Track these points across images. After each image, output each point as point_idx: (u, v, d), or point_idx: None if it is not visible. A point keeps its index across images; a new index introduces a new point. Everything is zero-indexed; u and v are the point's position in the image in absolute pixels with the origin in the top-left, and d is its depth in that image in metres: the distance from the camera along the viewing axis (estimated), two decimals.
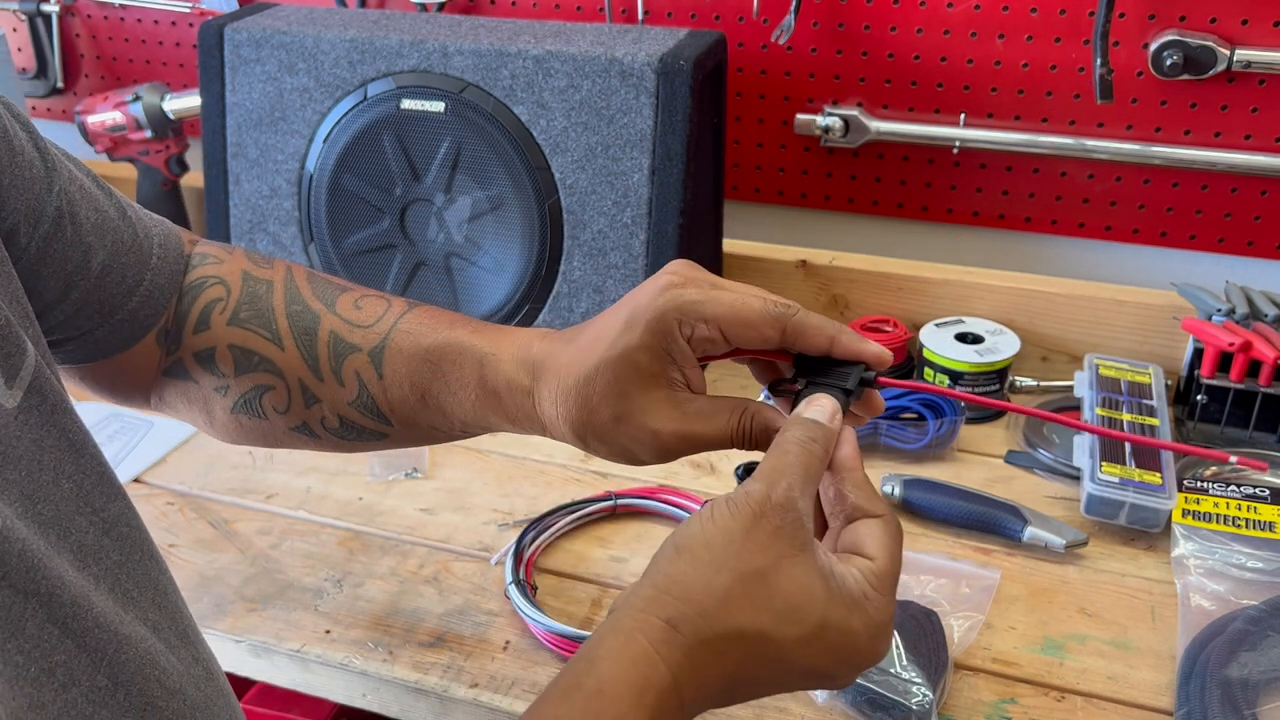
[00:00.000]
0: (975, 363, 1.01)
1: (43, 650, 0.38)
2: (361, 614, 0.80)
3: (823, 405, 0.51)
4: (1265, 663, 0.70)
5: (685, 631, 0.44)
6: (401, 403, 0.60)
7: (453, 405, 0.59)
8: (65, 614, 0.39)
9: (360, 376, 0.60)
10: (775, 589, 0.45)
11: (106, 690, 0.40)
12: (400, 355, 0.60)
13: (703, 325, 0.52)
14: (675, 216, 0.95)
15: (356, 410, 0.61)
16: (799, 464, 0.48)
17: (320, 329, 0.61)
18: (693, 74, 0.92)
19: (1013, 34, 1.06)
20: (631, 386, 0.53)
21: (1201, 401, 0.97)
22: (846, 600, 0.46)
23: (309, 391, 0.61)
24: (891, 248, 1.19)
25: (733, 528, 0.46)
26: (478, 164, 0.99)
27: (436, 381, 0.59)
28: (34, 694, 0.37)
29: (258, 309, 0.62)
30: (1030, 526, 0.84)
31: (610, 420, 0.53)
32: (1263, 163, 1.03)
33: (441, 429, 0.61)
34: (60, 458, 0.43)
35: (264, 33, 1.04)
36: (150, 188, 1.29)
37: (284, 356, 0.61)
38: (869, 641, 0.46)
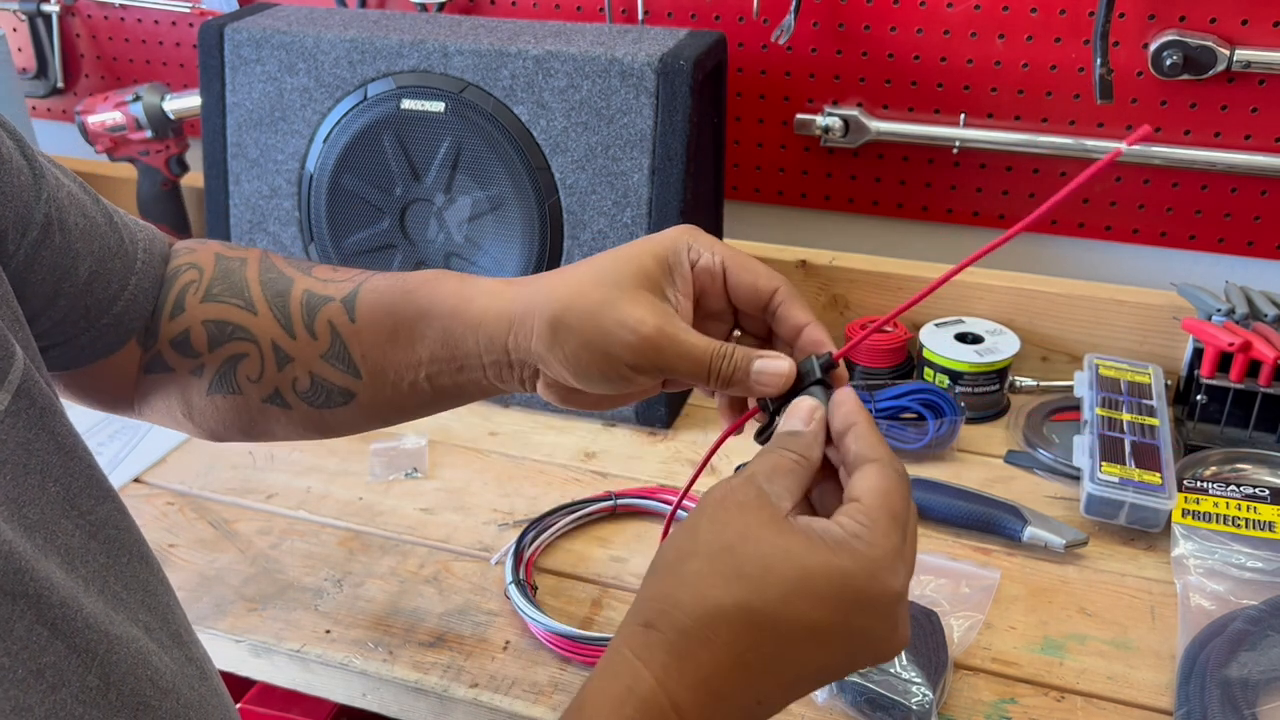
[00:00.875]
0: (975, 363, 1.02)
1: (31, 652, 0.38)
2: (361, 614, 0.80)
3: (797, 413, 0.49)
4: (1265, 662, 0.70)
5: (663, 628, 0.43)
6: (374, 345, 0.59)
7: (423, 331, 0.58)
8: (54, 615, 0.39)
9: (333, 325, 0.60)
10: (745, 557, 0.42)
11: (98, 690, 0.40)
12: (374, 294, 0.60)
13: (709, 255, 0.53)
14: (675, 216, 0.95)
15: (329, 363, 0.60)
16: (764, 460, 0.47)
17: (294, 289, 0.61)
18: (693, 74, 0.92)
19: (1013, 34, 1.06)
20: (628, 279, 0.52)
21: (1201, 401, 0.97)
22: (830, 544, 0.43)
23: (281, 351, 0.61)
24: (891, 248, 1.19)
25: (696, 521, 0.45)
26: (478, 164, 0.99)
27: (409, 306, 0.58)
28: (20, 697, 0.37)
29: (230, 282, 0.62)
30: (1030, 526, 0.85)
31: (597, 302, 0.52)
32: (1262, 163, 1.03)
33: (406, 375, 0.59)
34: (48, 460, 0.43)
35: (264, 33, 1.04)
36: (150, 188, 1.29)
37: (257, 320, 0.61)
38: (870, 578, 0.43)
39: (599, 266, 0.54)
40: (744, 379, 0.52)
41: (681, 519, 0.48)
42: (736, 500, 0.45)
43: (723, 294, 0.55)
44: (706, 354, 0.52)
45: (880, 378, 1.06)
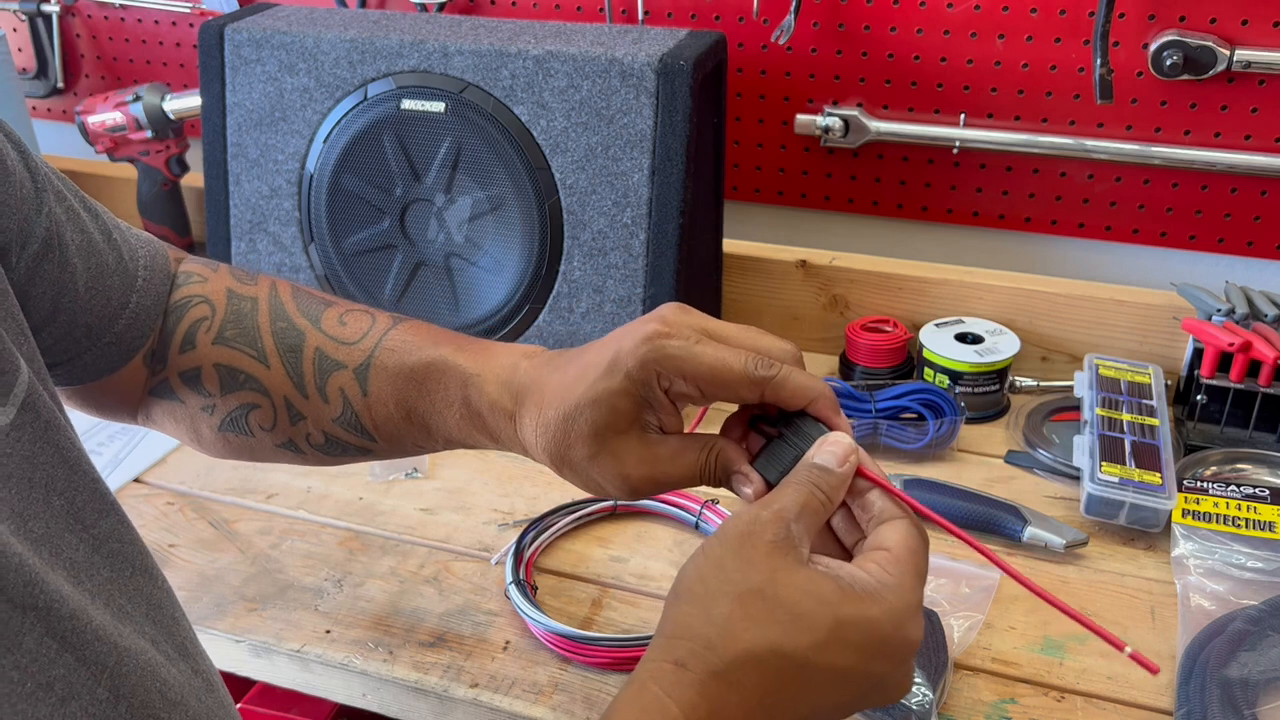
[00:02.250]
0: (975, 363, 1.02)
1: (41, 665, 0.37)
2: (362, 614, 0.80)
3: (833, 451, 0.50)
4: (1265, 662, 0.70)
5: (694, 668, 0.43)
6: (386, 420, 0.61)
7: (437, 423, 0.60)
8: (64, 627, 0.39)
9: (345, 394, 0.61)
10: (777, 601, 0.44)
11: (107, 703, 0.40)
12: (385, 373, 0.61)
13: (681, 381, 0.53)
14: (675, 216, 0.95)
15: (341, 427, 0.62)
16: (796, 496, 0.48)
17: (306, 346, 0.62)
18: (693, 74, 0.92)
19: (1012, 34, 1.06)
20: (607, 429, 0.54)
21: (1201, 401, 0.97)
22: (860, 593, 0.44)
23: (294, 409, 0.62)
24: (891, 248, 1.19)
25: (723, 555, 0.46)
26: (478, 164, 0.99)
27: (421, 400, 0.60)
28: (29, 710, 0.37)
29: (243, 327, 0.62)
30: (1030, 526, 0.85)
31: (585, 458, 0.54)
32: (1262, 163, 1.03)
33: (425, 445, 0.63)
34: (52, 474, 0.43)
35: (264, 33, 1.04)
36: (150, 188, 1.29)
37: (269, 375, 0.62)
38: (895, 628, 0.44)
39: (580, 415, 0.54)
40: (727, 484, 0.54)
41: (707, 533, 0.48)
42: (765, 539, 0.45)
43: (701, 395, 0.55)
44: (693, 474, 0.54)
45: (880, 378, 1.06)
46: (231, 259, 1.11)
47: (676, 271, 0.97)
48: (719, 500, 0.88)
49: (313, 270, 1.08)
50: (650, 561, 0.85)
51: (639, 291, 0.98)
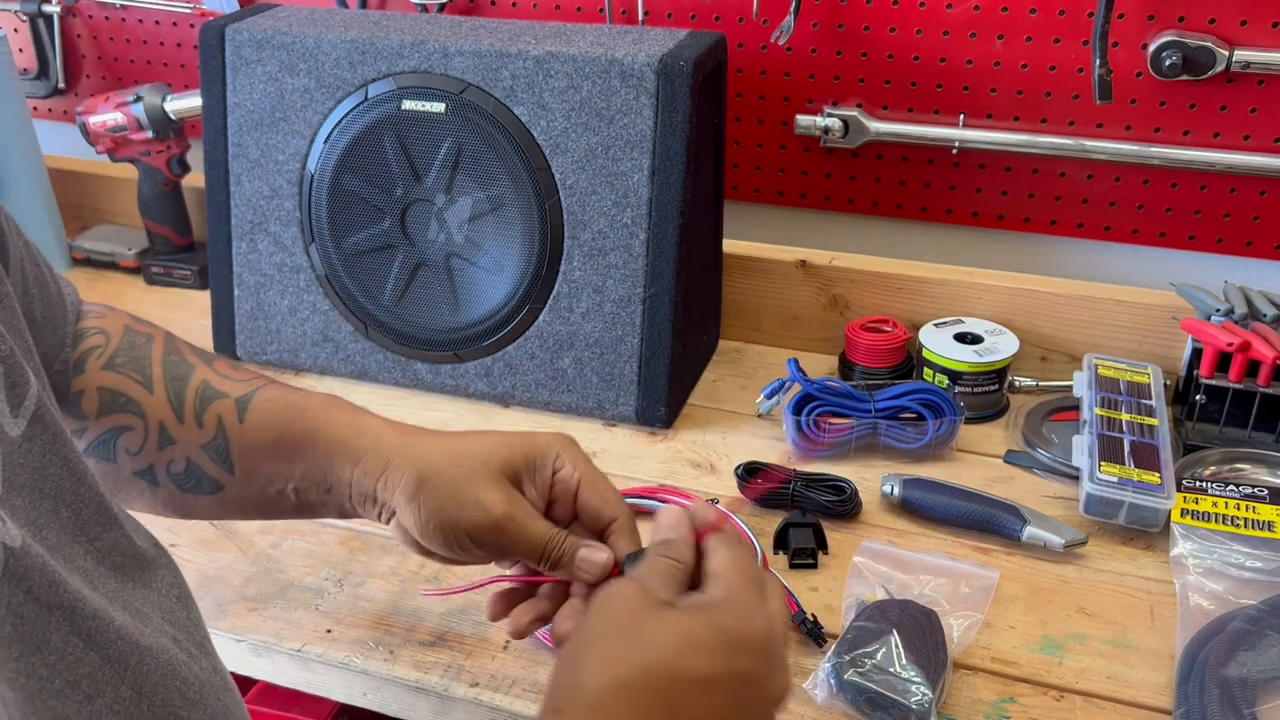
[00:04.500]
0: (974, 363, 1.02)
1: (68, 663, 0.38)
2: (362, 613, 0.80)
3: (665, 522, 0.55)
4: (1264, 662, 0.70)
5: (570, 710, 0.45)
6: (255, 448, 0.63)
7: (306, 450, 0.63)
8: (88, 626, 0.40)
9: (222, 420, 0.64)
10: (636, 633, 0.47)
11: (130, 701, 0.41)
12: (269, 403, 0.64)
13: (569, 469, 0.62)
14: (675, 217, 0.95)
15: (207, 454, 0.64)
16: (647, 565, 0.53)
17: (193, 377, 0.65)
18: (693, 75, 0.92)
19: (1012, 35, 1.06)
20: (495, 465, 0.60)
21: (1200, 401, 0.97)
22: (703, 607, 0.49)
23: (167, 433, 0.64)
24: (891, 248, 1.19)
25: (588, 619, 0.50)
26: (478, 164, 0.99)
27: (300, 424, 0.63)
28: (58, 707, 0.37)
29: (134, 356, 0.64)
30: (1029, 526, 0.85)
31: (462, 476, 0.59)
32: (1261, 163, 1.03)
33: (276, 483, 0.64)
34: (60, 486, 0.44)
35: (265, 34, 1.04)
36: (151, 188, 1.30)
37: (150, 399, 0.63)
38: (741, 624, 0.48)
39: (476, 445, 0.62)
40: (569, 564, 0.60)
41: None
42: (622, 595, 0.50)
43: (571, 507, 0.63)
44: (542, 540, 0.60)
45: (880, 378, 1.06)
46: (233, 259, 1.11)
47: (676, 271, 0.97)
48: (718, 500, 0.88)
49: (313, 270, 1.08)
50: None
51: (639, 291, 0.98)
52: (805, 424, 0.96)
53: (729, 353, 1.18)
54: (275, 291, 1.10)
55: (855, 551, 0.83)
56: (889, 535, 0.88)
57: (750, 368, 1.15)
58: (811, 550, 0.84)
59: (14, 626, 0.37)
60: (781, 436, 1.00)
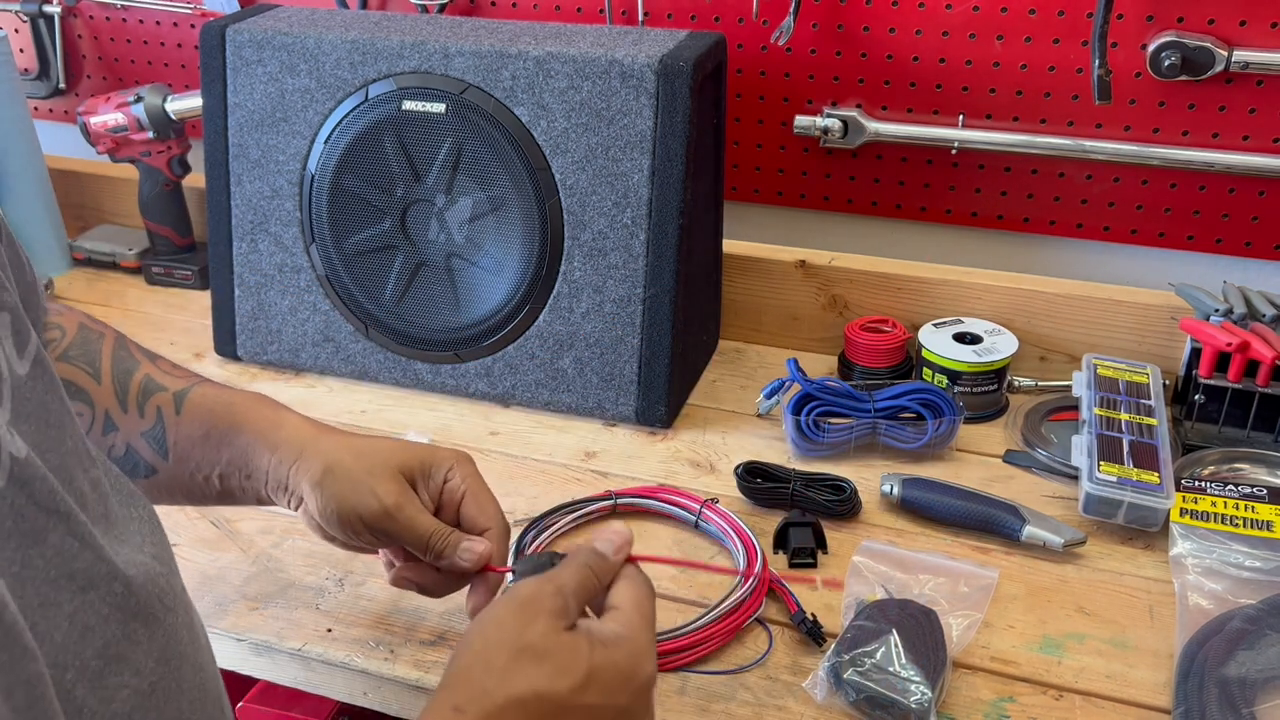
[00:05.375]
0: (973, 363, 1.02)
1: (64, 558, 0.41)
2: (363, 613, 0.80)
3: (611, 541, 0.59)
4: (1263, 661, 0.70)
5: (470, 712, 0.50)
6: (187, 437, 0.70)
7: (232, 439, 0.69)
8: (83, 530, 0.43)
9: (161, 411, 0.70)
10: (545, 655, 0.52)
11: (122, 596, 0.44)
12: (203, 398, 0.71)
13: (458, 480, 0.69)
14: (675, 217, 0.96)
15: (146, 440, 0.70)
16: (575, 576, 0.57)
17: (138, 371, 0.71)
18: (692, 75, 0.92)
19: (1011, 35, 1.06)
20: (393, 465, 0.67)
21: (1199, 401, 0.97)
22: (605, 642, 0.54)
23: (111, 420, 0.69)
24: (890, 248, 1.19)
25: (505, 616, 0.54)
26: (478, 165, 0.99)
27: (227, 417, 0.70)
28: (49, 593, 0.40)
29: (86, 350, 0.69)
30: (1029, 526, 0.85)
31: (363, 470, 0.67)
32: (1260, 163, 1.03)
33: (204, 469, 0.70)
34: (63, 419, 0.47)
35: (265, 34, 1.04)
36: (152, 189, 1.30)
37: (99, 389, 0.69)
38: (634, 667, 0.54)
39: (380, 446, 0.69)
40: (451, 555, 0.67)
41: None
42: (545, 607, 0.54)
43: (455, 515, 0.69)
44: (427, 531, 0.67)
45: (879, 378, 1.06)
46: (233, 259, 1.11)
47: (676, 271, 0.97)
48: (719, 499, 0.88)
49: (314, 270, 1.08)
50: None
51: (639, 291, 0.98)
52: (805, 424, 0.97)
53: (729, 353, 1.18)
54: (276, 292, 1.10)
55: (855, 551, 0.83)
56: (888, 535, 0.88)
57: (750, 368, 1.15)
58: (811, 550, 0.84)
59: (14, 523, 0.39)
60: (781, 436, 1.00)
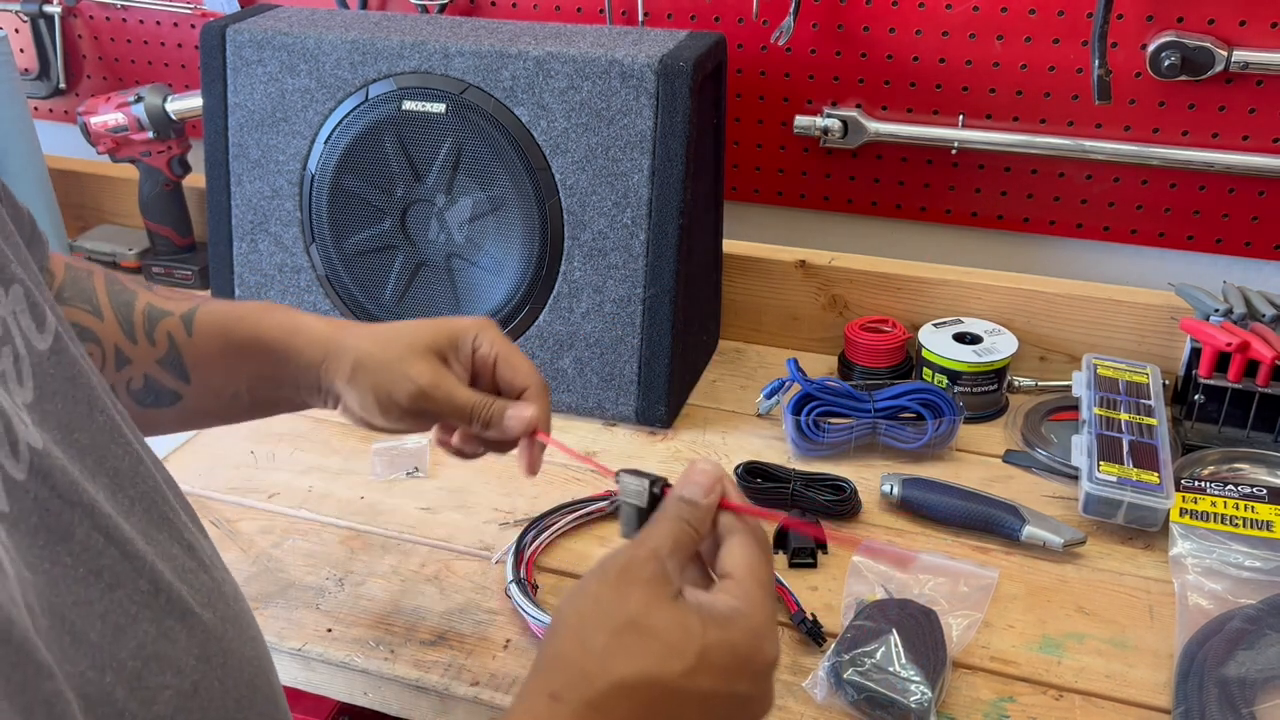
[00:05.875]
0: (973, 362, 1.02)
1: (91, 554, 0.40)
2: (363, 612, 0.80)
3: (699, 483, 0.52)
4: (1262, 661, 0.70)
5: (569, 699, 0.45)
6: (205, 357, 0.68)
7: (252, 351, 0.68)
8: (107, 524, 0.42)
9: (172, 335, 0.68)
10: (650, 633, 0.46)
11: (149, 594, 0.43)
12: (211, 315, 0.69)
13: (488, 347, 0.68)
14: (675, 217, 0.96)
15: (163, 368, 0.68)
16: (669, 533, 0.50)
17: (137, 301, 0.69)
18: (692, 75, 0.92)
19: (1011, 35, 1.06)
20: (421, 345, 0.67)
21: (1199, 401, 0.97)
22: (720, 620, 0.47)
23: (122, 354, 0.68)
24: (890, 248, 1.19)
25: (600, 591, 0.48)
26: (478, 165, 0.99)
27: (242, 329, 0.69)
28: (81, 592, 0.39)
29: (79, 288, 0.67)
30: (1028, 525, 0.85)
31: (393, 357, 0.66)
32: (1260, 163, 1.03)
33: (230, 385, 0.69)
34: (92, 394, 0.46)
35: (266, 34, 1.04)
36: (152, 188, 1.30)
37: (102, 325, 0.67)
38: (754, 649, 0.47)
39: (404, 330, 0.68)
40: (499, 422, 0.66)
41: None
42: (642, 576, 0.47)
43: (492, 381, 0.69)
44: (469, 403, 0.66)
45: (879, 377, 1.06)
46: (233, 259, 1.11)
47: (676, 271, 0.97)
48: None
49: (314, 270, 1.08)
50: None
51: (639, 291, 0.98)
52: (805, 424, 0.97)
53: (729, 353, 1.18)
54: (276, 292, 1.10)
55: (855, 551, 0.83)
56: (888, 535, 0.88)
57: (750, 368, 1.15)
58: (811, 550, 0.84)
59: (40, 518, 0.38)
60: (781, 436, 1.00)
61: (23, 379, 0.42)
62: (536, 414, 0.66)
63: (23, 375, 0.42)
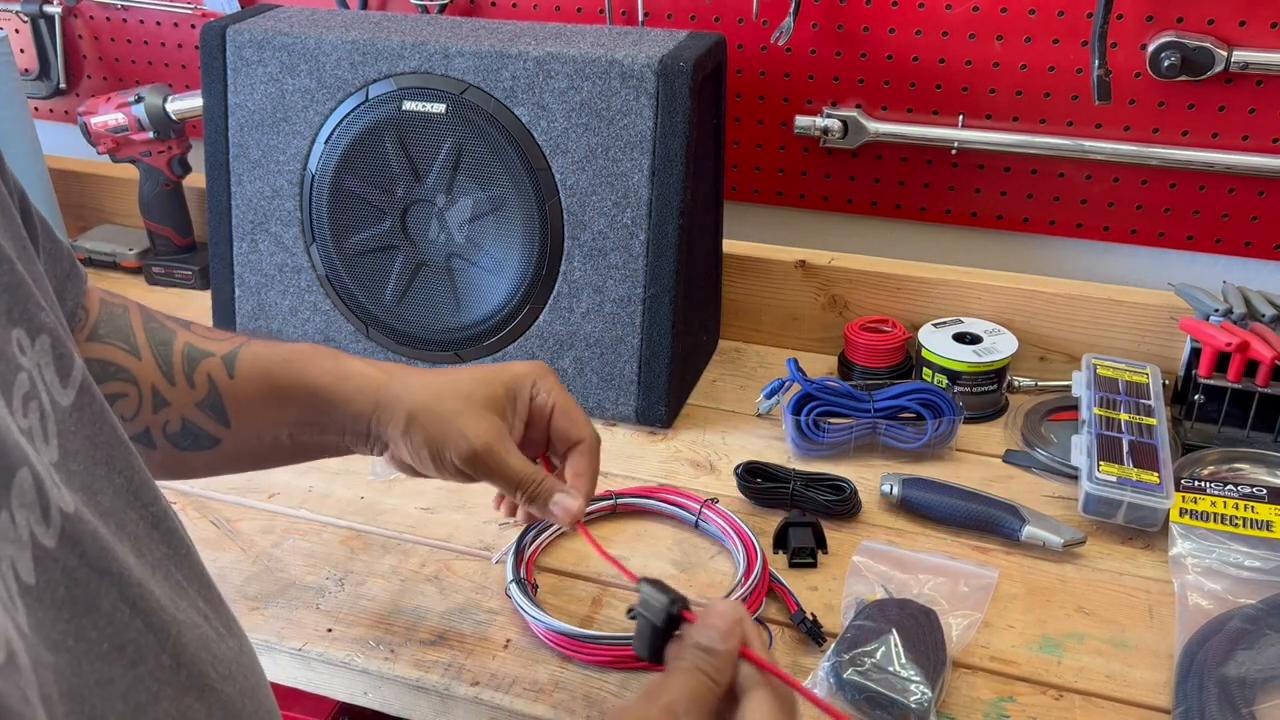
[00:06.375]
0: (973, 362, 1.02)
1: (116, 627, 0.39)
2: (363, 612, 0.80)
3: (717, 627, 0.50)
4: (1262, 661, 0.70)
5: None
6: (247, 400, 0.66)
7: (297, 396, 0.66)
8: (134, 594, 0.41)
9: (212, 377, 0.66)
10: None
11: (170, 670, 0.42)
12: (254, 357, 0.67)
13: (545, 395, 0.67)
14: (675, 217, 0.96)
15: (202, 411, 0.66)
16: (684, 688, 0.48)
17: (176, 341, 0.67)
18: (692, 75, 0.92)
19: (1011, 36, 1.06)
20: (479, 399, 0.65)
21: (1199, 401, 0.97)
22: None
23: (160, 396, 0.65)
24: (890, 248, 1.19)
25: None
26: (479, 165, 0.99)
27: (287, 372, 0.67)
28: (104, 670, 0.38)
29: (115, 325, 0.65)
30: (1028, 525, 0.85)
31: (449, 412, 0.65)
32: (1260, 163, 1.03)
33: (272, 430, 0.67)
34: (111, 453, 0.45)
35: (266, 34, 1.04)
36: (152, 189, 1.30)
37: (140, 365, 0.65)
38: None
39: (460, 380, 0.67)
40: (544, 503, 0.66)
41: None
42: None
43: (545, 429, 0.69)
44: (520, 475, 0.66)
45: (879, 377, 1.07)
46: (234, 259, 1.11)
47: (676, 271, 0.97)
48: (719, 499, 0.88)
49: (314, 270, 1.08)
50: (650, 560, 0.85)
51: (639, 291, 0.99)
52: (805, 424, 0.97)
53: (729, 353, 1.18)
54: (276, 292, 1.11)
55: (855, 551, 0.83)
56: (888, 535, 0.88)
57: (750, 368, 1.15)
58: (811, 550, 0.84)
59: (68, 590, 0.37)
60: (781, 436, 1.00)
61: (49, 437, 0.41)
62: (582, 508, 0.66)
63: (48, 434, 0.41)
